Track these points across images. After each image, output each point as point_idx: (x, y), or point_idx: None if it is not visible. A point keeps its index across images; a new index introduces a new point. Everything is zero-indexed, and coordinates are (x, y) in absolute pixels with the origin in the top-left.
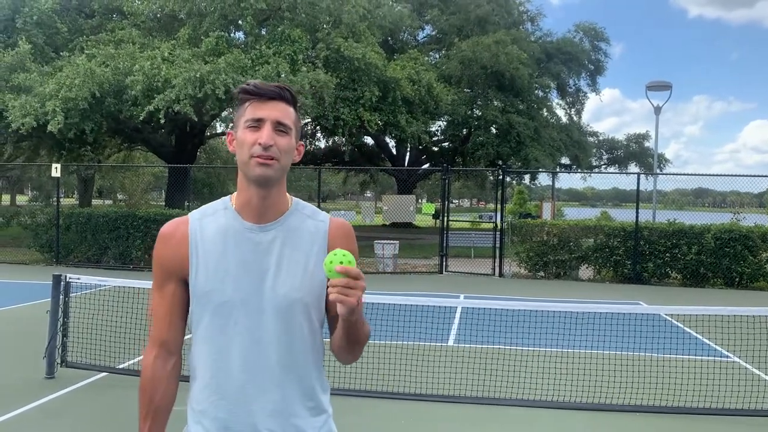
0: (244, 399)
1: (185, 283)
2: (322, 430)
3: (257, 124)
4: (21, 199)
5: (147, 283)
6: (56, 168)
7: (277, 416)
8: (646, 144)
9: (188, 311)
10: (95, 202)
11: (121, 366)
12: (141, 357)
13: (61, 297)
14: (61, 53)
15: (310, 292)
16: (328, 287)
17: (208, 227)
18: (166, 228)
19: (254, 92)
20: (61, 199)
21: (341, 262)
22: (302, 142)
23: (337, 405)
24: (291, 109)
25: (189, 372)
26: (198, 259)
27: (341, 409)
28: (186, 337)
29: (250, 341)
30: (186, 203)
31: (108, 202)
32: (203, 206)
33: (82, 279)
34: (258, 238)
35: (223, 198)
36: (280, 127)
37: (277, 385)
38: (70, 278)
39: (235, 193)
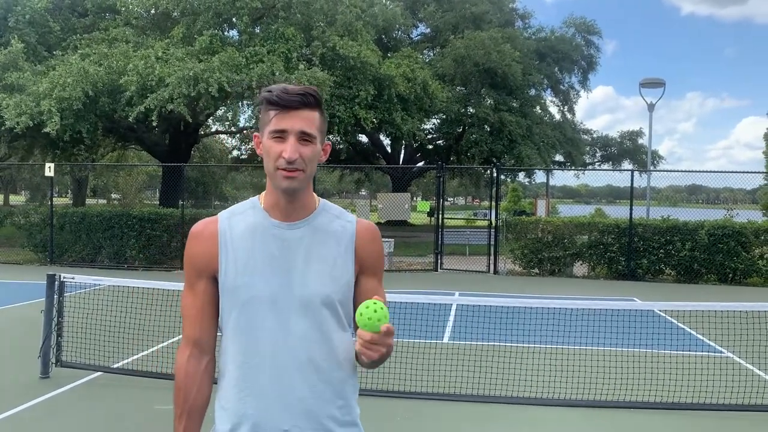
0: (273, 396)
1: (216, 281)
2: (348, 414)
3: (282, 135)
4: (14, 199)
5: (141, 283)
6: (50, 167)
7: (307, 414)
8: (640, 141)
9: (218, 309)
10: (89, 201)
11: (116, 365)
12: (136, 356)
13: (55, 296)
14: (54, 52)
15: (337, 289)
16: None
17: (237, 225)
18: (196, 227)
19: (278, 103)
20: (55, 199)
21: (379, 320)
22: (328, 142)
23: None
24: (316, 114)
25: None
26: (227, 256)
27: None
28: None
29: (278, 337)
30: (180, 202)
31: (102, 201)
32: (232, 206)
33: (76, 278)
34: (286, 236)
35: (251, 198)
36: (304, 137)
37: (306, 381)
38: (64, 278)
39: (263, 193)
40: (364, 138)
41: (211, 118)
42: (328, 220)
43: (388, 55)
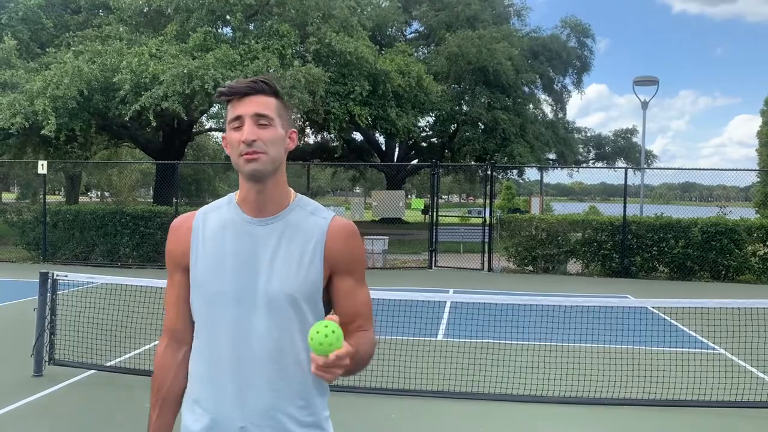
0: (232, 392)
1: (189, 274)
2: (313, 414)
3: (238, 122)
4: (7, 197)
5: (135, 281)
6: (42, 165)
7: (264, 412)
8: (634, 139)
9: None
10: (82, 199)
11: (109, 363)
12: (129, 354)
13: (48, 294)
14: (47, 49)
15: (301, 288)
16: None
17: (211, 220)
18: (175, 222)
19: (228, 93)
20: (47, 197)
21: (330, 344)
22: (294, 129)
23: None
24: (271, 99)
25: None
26: (198, 250)
27: (330, 406)
28: None
29: (240, 333)
30: (174, 200)
31: (95, 199)
32: (213, 202)
33: (69, 276)
34: (256, 232)
35: (229, 194)
36: (261, 120)
37: (265, 380)
38: (57, 276)
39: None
40: (358, 135)
41: (205, 115)
42: (301, 217)
43: (382, 51)
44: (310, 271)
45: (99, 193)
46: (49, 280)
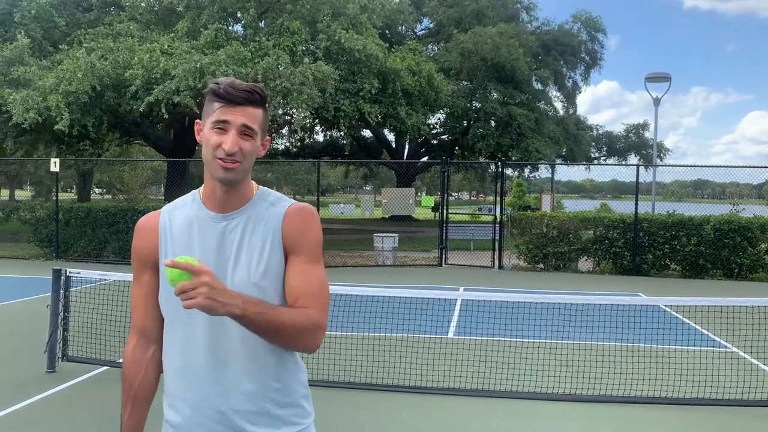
0: (211, 380)
1: (158, 272)
2: (288, 396)
3: (223, 126)
4: (20, 194)
5: None
6: (55, 162)
7: (245, 397)
8: (646, 134)
9: None
10: (94, 196)
11: (121, 360)
12: None
13: (61, 291)
14: (59, 47)
15: (266, 275)
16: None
17: (176, 218)
18: (140, 221)
19: (224, 97)
20: (59, 194)
21: (172, 273)
22: (268, 137)
23: (337, 398)
24: (259, 111)
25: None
26: (166, 248)
27: (341, 403)
28: None
29: (212, 324)
30: None
31: (107, 196)
32: (176, 200)
33: (82, 273)
34: (221, 227)
35: (193, 191)
36: (245, 131)
37: (241, 366)
38: (70, 272)
39: (203, 185)
40: (368, 133)
41: None
42: (263, 209)
43: (392, 49)
44: (272, 259)
45: (102, 190)
46: (62, 277)
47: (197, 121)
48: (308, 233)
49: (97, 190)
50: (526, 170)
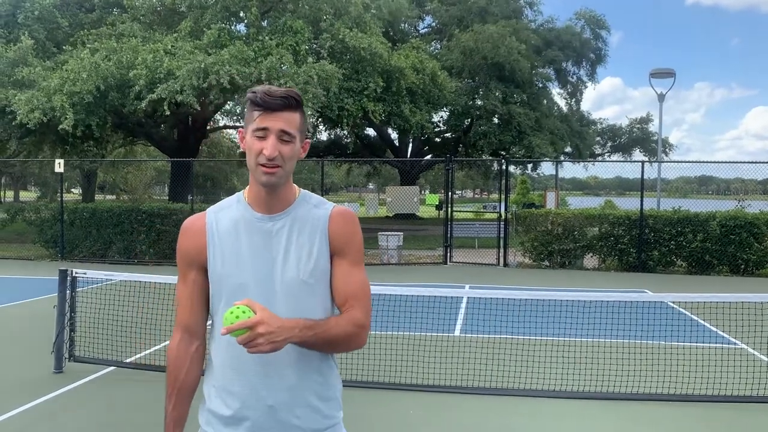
0: (259, 375)
1: (205, 271)
2: (330, 389)
3: (263, 133)
4: (24, 195)
5: (153, 277)
6: (59, 163)
7: (290, 390)
8: (650, 128)
9: (209, 297)
10: (98, 197)
11: (128, 360)
12: (149, 351)
13: (68, 292)
14: (62, 48)
15: (313, 274)
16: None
17: (223, 219)
18: (186, 222)
19: (261, 105)
20: (64, 195)
21: (231, 322)
22: (308, 140)
23: (344, 397)
24: (296, 115)
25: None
26: (215, 248)
27: (349, 401)
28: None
29: None
30: (189, 197)
31: (111, 197)
32: (220, 201)
33: (88, 274)
34: (267, 227)
35: (237, 193)
36: (284, 137)
37: (289, 362)
38: (76, 273)
39: (248, 187)
40: (372, 131)
41: (219, 112)
42: (306, 210)
43: (395, 47)
44: (320, 258)
45: (104, 191)
46: (69, 278)
47: (240, 129)
48: (353, 237)
49: (110, 197)
50: (530, 167)
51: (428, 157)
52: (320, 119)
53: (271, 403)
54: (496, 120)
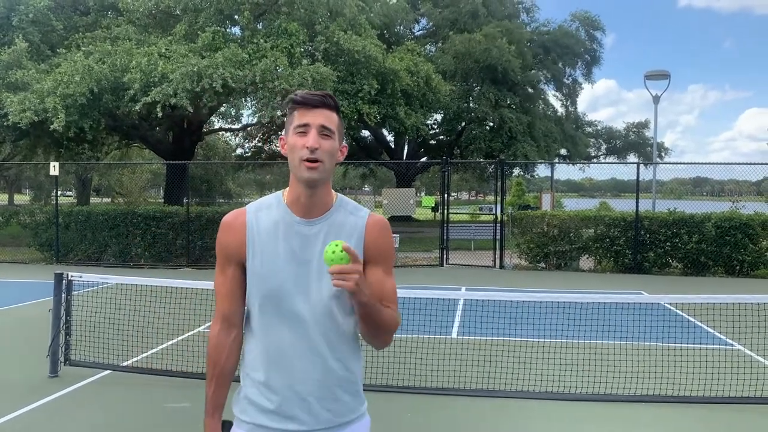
0: (292, 369)
1: (243, 267)
2: (357, 383)
3: (304, 129)
4: (19, 198)
5: (148, 280)
6: (54, 166)
7: (321, 384)
8: (647, 133)
9: (245, 290)
10: (93, 200)
11: (124, 364)
12: (144, 354)
13: (63, 295)
14: (57, 51)
15: None
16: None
17: (262, 219)
18: (227, 218)
19: (301, 102)
20: (59, 198)
21: (334, 252)
22: (345, 144)
23: None
24: (334, 115)
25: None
26: (254, 247)
27: None
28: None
29: (297, 321)
30: (185, 200)
31: (106, 200)
32: (259, 200)
33: (83, 277)
34: (305, 231)
35: (276, 193)
36: (324, 131)
37: (320, 358)
38: (71, 276)
39: (287, 188)
40: (367, 133)
41: (215, 114)
42: (343, 216)
43: (391, 49)
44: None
45: (98, 193)
46: (64, 281)
47: (281, 136)
48: (388, 247)
49: (105, 200)
50: (518, 169)
51: (424, 159)
52: None
53: (305, 395)
54: (488, 125)
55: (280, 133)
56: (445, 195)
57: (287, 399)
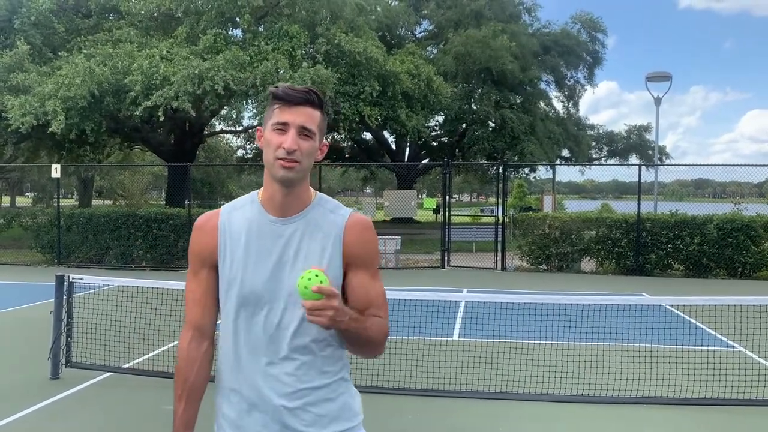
0: (266, 377)
1: (216, 270)
2: (334, 393)
3: (283, 127)
4: (21, 201)
5: (150, 282)
6: (56, 169)
7: (291, 395)
8: (647, 136)
9: (218, 298)
10: (95, 202)
11: (126, 366)
12: (146, 356)
13: (64, 297)
14: (59, 53)
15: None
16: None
17: (235, 219)
18: (200, 220)
19: (282, 97)
20: (60, 200)
21: (305, 287)
22: (326, 142)
23: None
24: (317, 113)
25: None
26: (226, 249)
27: None
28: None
29: (269, 325)
30: (186, 202)
31: (108, 202)
32: (234, 200)
33: (85, 279)
34: (280, 231)
35: (251, 192)
36: (304, 132)
37: (292, 367)
38: (73, 278)
39: (262, 187)
40: (368, 135)
41: (216, 117)
42: (321, 215)
43: (392, 51)
44: (330, 267)
45: (100, 195)
46: (65, 283)
47: (258, 128)
48: (371, 249)
49: (107, 201)
50: (525, 170)
51: (425, 161)
52: None
53: (279, 403)
54: (490, 125)
55: None
56: (447, 197)
57: (256, 408)
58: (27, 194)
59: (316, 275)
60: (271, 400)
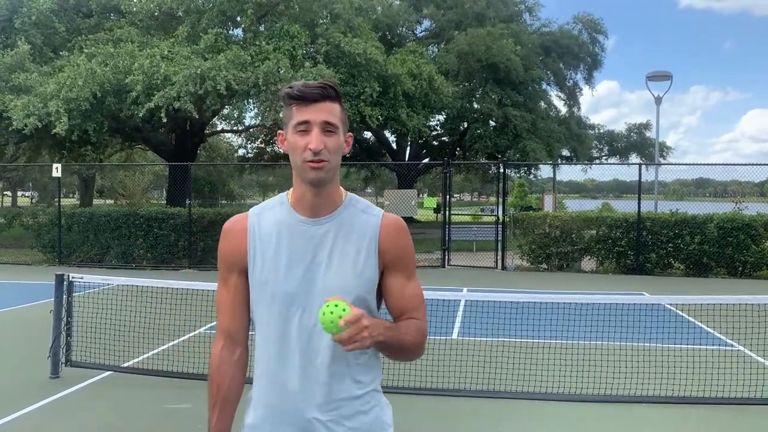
0: (295, 387)
1: (247, 275)
2: (367, 405)
3: (305, 127)
4: (22, 200)
5: (150, 282)
6: (57, 168)
7: (325, 406)
8: (648, 134)
9: (250, 304)
10: (96, 201)
11: (125, 365)
12: (146, 355)
13: (64, 296)
14: (60, 53)
15: (359, 285)
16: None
17: (265, 221)
18: (228, 224)
19: (298, 97)
20: (62, 200)
21: (340, 316)
22: (350, 134)
23: None
24: (336, 106)
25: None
26: (255, 252)
27: None
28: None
29: (302, 330)
30: (187, 201)
31: (109, 201)
32: (264, 202)
33: (85, 278)
34: (312, 232)
35: (281, 194)
36: (328, 128)
37: (327, 374)
38: (73, 277)
39: (292, 188)
40: (369, 135)
41: (217, 116)
42: (353, 215)
43: (393, 51)
44: (366, 268)
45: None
46: (65, 282)
47: (279, 132)
48: (407, 249)
49: (108, 201)
50: (524, 170)
51: (426, 160)
52: None
53: (308, 417)
54: (492, 123)
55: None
56: (447, 196)
57: (284, 419)
58: (26, 194)
59: (336, 306)
60: (303, 413)
